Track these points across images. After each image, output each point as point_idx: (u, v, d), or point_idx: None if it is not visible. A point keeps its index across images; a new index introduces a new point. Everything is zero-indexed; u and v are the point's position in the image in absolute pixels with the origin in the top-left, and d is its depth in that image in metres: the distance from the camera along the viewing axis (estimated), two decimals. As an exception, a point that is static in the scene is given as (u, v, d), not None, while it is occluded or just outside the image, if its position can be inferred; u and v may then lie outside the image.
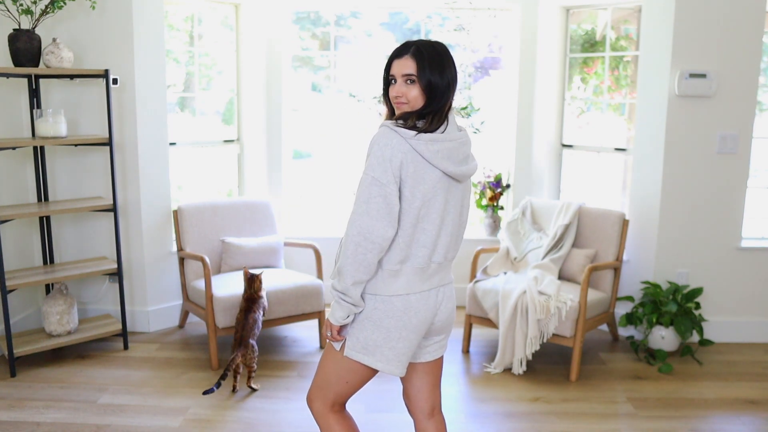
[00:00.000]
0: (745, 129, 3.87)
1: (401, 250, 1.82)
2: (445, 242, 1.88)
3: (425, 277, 1.88)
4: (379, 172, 1.75)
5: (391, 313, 1.85)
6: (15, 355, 3.44)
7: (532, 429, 3.00)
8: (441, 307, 1.94)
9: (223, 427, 2.98)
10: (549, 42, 4.43)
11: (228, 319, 3.55)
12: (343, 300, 1.83)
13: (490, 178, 4.63)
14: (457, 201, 1.89)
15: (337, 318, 1.85)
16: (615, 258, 3.83)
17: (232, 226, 4.13)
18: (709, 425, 3.06)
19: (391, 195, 1.75)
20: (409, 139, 1.76)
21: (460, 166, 1.84)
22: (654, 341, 3.81)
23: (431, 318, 1.92)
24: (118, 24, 3.79)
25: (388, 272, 1.83)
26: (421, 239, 1.83)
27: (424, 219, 1.82)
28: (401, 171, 1.76)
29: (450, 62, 1.86)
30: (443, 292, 1.94)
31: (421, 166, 1.77)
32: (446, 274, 1.95)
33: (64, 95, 3.87)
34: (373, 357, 1.88)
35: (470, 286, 3.80)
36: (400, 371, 1.91)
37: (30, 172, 3.90)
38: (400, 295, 1.84)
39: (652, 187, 3.97)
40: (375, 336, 1.86)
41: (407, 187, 1.77)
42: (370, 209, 1.75)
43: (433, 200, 1.81)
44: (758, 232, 4.19)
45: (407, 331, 1.86)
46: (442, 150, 1.79)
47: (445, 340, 2.05)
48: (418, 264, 1.84)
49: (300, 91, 4.83)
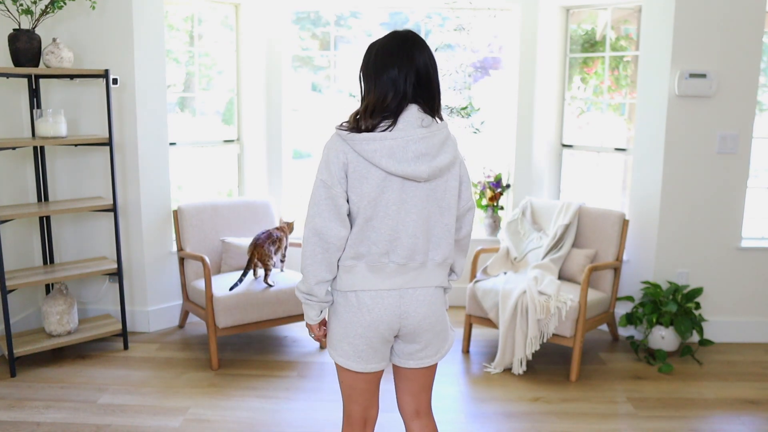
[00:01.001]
0: (745, 129, 3.87)
1: (351, 248, 1.84)
2: (407, 243, 1.83)
3: (383, 277, 1.85)
4: (326, 175, 1.80)
5: (347, 308, 1.87)
6: (15, 355, 3.44)
7: (532, 429, 3.00)
8: (409, 310, 1.87)
9: (223, 427, 2.98)
10: (549, 42, 4.43)
11: (228, 319, 3.55)
12: (309, 300, 1.88)
13: (490, 178, 4.63)
14: (421, 202, 1.83)
15: (311, 317, 1.92)
16: (615, 258, 3.83)
17: (232, 226, 4.13)
18: (709, 425, 3.06)
19: (337, 196, 1.79)
20: (348, 140, 1.78)
21: (408, 164, 1.77)
22: (654, 341, 3.81)
23: (394, 320, 1.87)
24: (118, 24, 3.80)
25: (342, 268, 1.86)
26: (372, 237, 1.82)
27: (374, 218, 1.81)
28: (346, 171, 1.79)
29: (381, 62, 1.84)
30: (411, 295, 1.87)
31: (362, 165, 1.78)
32: (418, 276, 1.88)
33: (64, 95, 3.87)
34: (336, 351, 1.92)
35: (470, 286, 3.80)
36: (361, 367, 1.90)
37: (30, 172, 3.90)
38: (354, 291, 1.86)
39: (652, 187, 3.97)
40: (337, 330, 1.90)
41: (352, 187, 1.80)
42: (321, 211, 1.80)
43: (380, 199, 1.79)
44: (758, 232, 4.19)
45: (362, 327, 1.86)
46: (380, 149, 1.76)
47: (430, 349, 1.96)
48: (371, 262, 1.84)
49: (300, 91, 4.83)
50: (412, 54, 1.82)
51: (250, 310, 3.60)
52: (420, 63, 1.82)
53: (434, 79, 1.86)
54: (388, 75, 1.81)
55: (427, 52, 1.85)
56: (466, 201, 1.97)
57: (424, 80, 1.83)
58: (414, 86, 1.82)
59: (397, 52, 1.82)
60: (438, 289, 1.94)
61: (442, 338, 1.98)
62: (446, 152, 1.84)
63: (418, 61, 1.82)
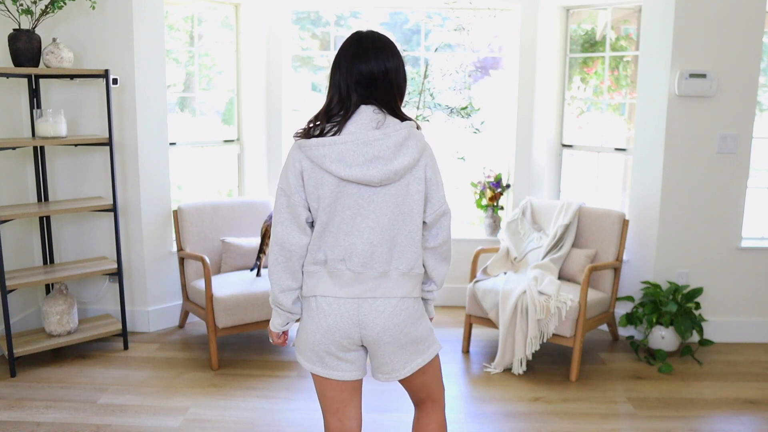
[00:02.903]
0: (745, 129, 3.87)
1: (311, 253, 1.83)
2: (363, 250, 1.77)
3: (341, 284, 1.80)
4: (284, 183, 1.80)
5: (309, 313, 1.87)
6: (15, 355, 3.44)
7: (532, 429, 3.00)
8: (367, 321, 1.80)
9: (223, 427, 2.98)
10: (549, 42, 4.43)
11: (228, 319, 3.55)
12: (278, 307, 1.89)
13: (490, 178, 4.63)
14: (378, 207, 1.76)
15: (275, 324, 1.94)
16: (615, 258, 3.83)
17: (232, 226, 4.13)
18: (709, 425, 3.06)
19: (296, 204, 1.79)
20: (302, 147, 1.77)
21: (359, 168, 1.71)
22: (654, 341, 3.81)
23: (351, 329, 1.81)
24: (118, 24, 3.80)
25: (306, 273, 1.86)
26: (329, 242, 1.80)
27: (330, 223, 1.79)
28: (303, 178, 1.78)
29: (333, 64, 1.82)
30: (370, 304, 1.80)
31: (316, 171, 1.76)
32: (379, 286, 1.80)
33: (64, 95, 3.87)
34: (302, 356, 1.91)
35: (470, 286, 3.80)
36: (326, 373, 1.87)
37: (30, 172, 3.90)
38: (314, 296, 1.84)
39: (652, 187, 3.97)
40: (301, 334, 1.90)
41: (309, 193, 1.78)
42: (282, 219, 1.81)
43: (334, 205, 1.76)
44: (758, 232, 4.19)
45: (319, 333, 1.83)
46: (330, 153, 1.71)
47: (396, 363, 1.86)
48: (330, 268, 1.82)
49: (300, 91, 4.83)
50: (357, 55, 1.77)
51: (250, 310, 3.60)
52: (364, 65, 1.76)
53: (392, 78, 1.79)
54: (334, 78, 1.81)
55: (380, 52, 1.78)
56: (438, 205, 1.85)
57: (372, 82, 1.77)
58: (359, 88, 1.76)
59: (343, 53, 1.81)
60: (404, 300, 1.82)
61: (410, 352, 1.87)
62: (405, 154, 1.74)
63: (362, 63, 1.76)
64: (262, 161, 4.64)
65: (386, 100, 1.80)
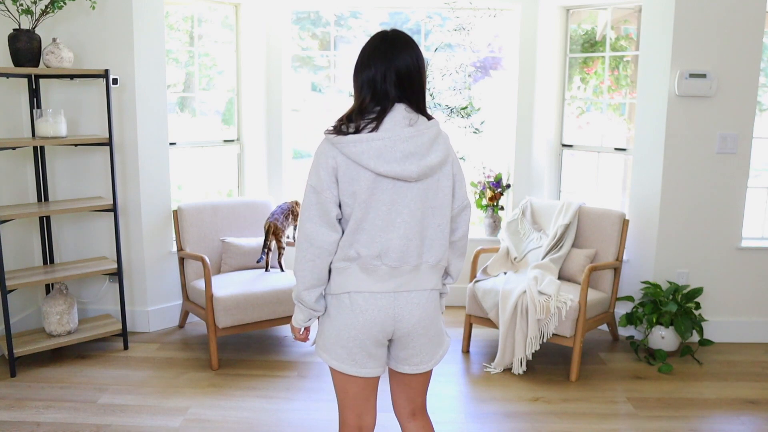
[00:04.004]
0: (745, 129, 3.87)
1: (342, 250, 1.83)
2: (399, 245, 1.81)
3: (376, 279, 1.83)
4: (315, 180, 1.80)
5: (341, 310, 1.86)
6: (15, 355, 3.44)
7: (532, 429, 3.00)
8: (403, 313, 1.85)
9: (223, 427, 2.98)
10: (549, 42, 4.43)
11: (228, 319, 3.55)
12: (301, 304, 1.89)
13: (490, 178, 4.63)
14: (411, 202, 1.81)
15: (298, 321, 1.93)
16: (615, 258, 3.83)
17: (232, 226, 4.13)
18: (709, 425, 3.06)
19: (327, 201, 1.79)
20: (336, 143, 1.78)
21: (397, 164, 1.75)
22: (654, 341, 3.81)
23: (387, 322, 1.85)
24: (118, 24, 3.80)
25: (335, 270, 1.86)
26: (362, 240, 1.81)
27: (364, 220, 1.80)
28: (336, 175, 1.79)
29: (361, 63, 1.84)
30: (405, 298, 1.85)
31: (351, 167, 1.77)
32: (412, 280, 1.85)
33: (64, 95, 3.87)
34: (329, 354, 1.90)
35: (470, 286, 3.80)
36: (356, 371, 1.88)
37: (30, 172, 3.90)
38: (347, 293, 1.85)
39: (652, 187, 3.97)
40: (330, 333, 1.89)
41: (343, 190, 1.79)
42: (312, 216, 1.80)
43: (370, 201, 1.78)
44: (758, 232, 4.19)
45: (356, 330, 1.84)
46: (368, 150, 1.74)
47: (425, 355, 1.94)
48: (363, 264, 1.82)
49: (300, 91, 4.83)
50: (391, 53, 1.80)
51: (250, 310, 3.60)
52: (401, 62, 1.80)
53: (419, 78, 1.84)
54: (367, 75, 1.82)
55: (411, 50, 1.82)
56: (461, 200, 1.94)
57: (407, 79, 1.81)
58: (396, 86, 1.80)
59: (375, 52, 1.82)
60: (432, 293, 1.91)
61: (436, 343, 1.95)
62: (436, 151, 1.81)
63: (398, 61, 1.80)
64: (262, 161, 4.64)
65: (416, 97, 1.85)
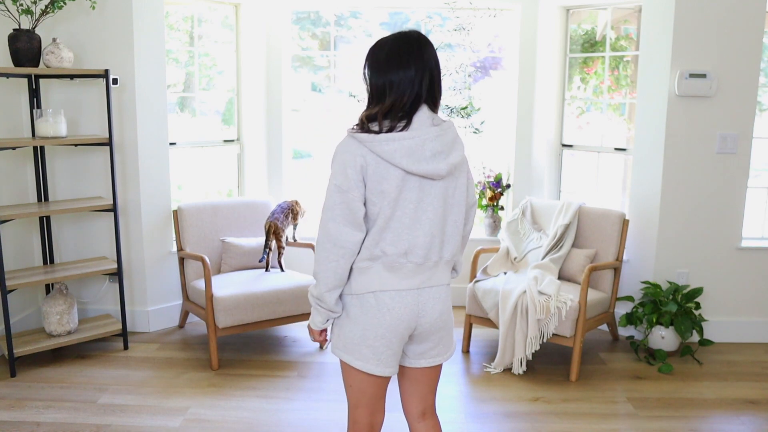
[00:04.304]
0: (745, 129, 3.87)
1: (367, 249, 1.82)
2: (424, 242, 1.83)
3: (401, 276, 1.84)
4: (341, 179, 1.78)
5: (365, 310, 1.85)
6: (15, 355, 3.44)
7: (532, 429, 3.00)
8: (426, 308, 1.89)
9: (223, 427, 2.98)
10: (549, 42, 4.43)
11: (228, 319, 3.55)
12: (320, 306, 1.87)
13: (490, 178, 4.63)
14: (436, 200, 1.84)
15: (316, 323, 1.91)
16: (615, 258, 3.83)
17: (232, 226, 4.13)
18: (709, 425, 3.06)
19: (353, 200, 1.78)
20: (365, 142, 1.77)
21: (427, 163, 1.78)
22: (654, 341, 3.81)
23: (412, 319, 1.87)
24: (118, 24, 3.79)
25: (357, 269, 1.84)
26: (389, 238, 1.81)
27: (392, 218, 1.80)
28: (365, 174, 1.77)
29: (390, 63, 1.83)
30: (428, 293, 1.89)
31: (381, 166, 1.77)
32: (433, 275, 1.89)
33: (64, 95, 3.87)
34: (353, 355, 1.88)
35: (470, 286, 3.80)
36: (381, 371, 1.88)
37: (30, 172, 3.90)
38: (372, 292, 1.84)
39: (652, 187, 3.97)
40: (353, 334, 1.87)
41: (371, 188, 1.78)
42: (336, 215, 1.79)
43: (399, 199, 1.79)
44: (758, 232, 4.19)
45: (383, 329, 1.84)
46: (399, 149, 1.75)
47: (441, 348, 1.98)
48: (388, 262, 1.83)
49: (300, 91, 4.83)
50: (424, 55, 1.82)
51: (250, 310, 3.60)
52: (433, 63, 1.83)
53: (440, 78, 1.88)
54: (405, 75, 1.80)
55: (435, 52, 1.87)
56: (472, 197, 2.00)
57: (436, 80, 1.85)
58: (428, 87, 1.82)
59: (412, 52, 1.82)
60: (448, 287, 1.96)
61: (450, 336, 2.00)
62: (457, 149, 1.86)
63: (431, 62, 1.83)
64: (262, 161, 4.64)
65: (436, 97, 1.87)
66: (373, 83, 1.84)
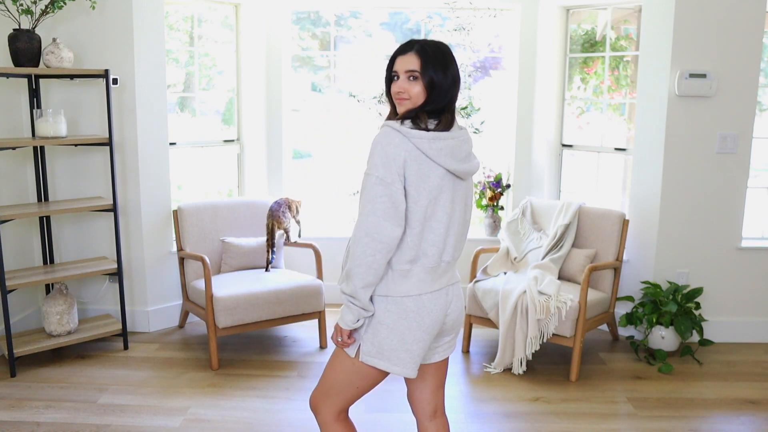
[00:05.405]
0: (745, 129, 3.87)
1: (410, 250, 1.80)
2: (452, 241, 1.87)
3: (436, 277, 1.86)
4: (383, 172, 1.73)
5: (405, 315, 1.82)
6: (15, 355, 3.44)
7: (532, 429, 3.00)
8: (452, 306, 1.94)
9: (223, 427, 2.98)
10: (549, 42, 4.43)
11: (228, 319, 3.55)
12: (353, 303, 1.80)
13: (490, 178, 4.63)
14: (461, 199, 1.89)
15: (347, 322, 1.83)
16: (615, 258, 3.83)
17: (232, 226, 4.13)
18: (709, 425, 3.06)
19: (396, 194, 1.74)
20: (412, 137, 1.75)
21: (462, 163, 1.83)
22: (654, 341, 3.81)
23: (443, 318, 1.91)
24: (118, 24, 3.79)
25: (399, 272, 1.81)
26: (430, 238, 1.81)
27: (432, 217, 1.80)
28: (405, 170, 1.75)
29: (453, 61, 1.86)
30: (453, 291, 1.94)
31: (425, 164, 1.76)
32: (454, 273, 1.96)
33: (64, 95, 3.87)
34: (389, 361, 1.84)
35: (470, 286, 3.80)
36: (414, 373, 1.89)
37: (30, 172, 3.90)
38: (412, 296, 1.82)
39: (652, 187, 3.97)
40: (390, 340, 1.83)
41: (412, 185, 1.76)
42: (376, 209, 1.74)
43: (439, 198, 1.80)
44: (758, 232, 4.19)
45: (421, 332, 1.84)
46: (444, 148, 1.78)
47: (454, 339, 2.05)
48: (428, 263, 1.83)
49: (300, 91, 4.83)
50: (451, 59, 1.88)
51: (250, 310, 3.60)
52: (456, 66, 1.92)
53: None
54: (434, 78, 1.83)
55: None
56: None
57: None
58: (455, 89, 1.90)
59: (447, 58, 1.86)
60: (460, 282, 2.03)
61: None
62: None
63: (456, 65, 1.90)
64: (262, 161, 4.64)
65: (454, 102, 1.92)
66: (439, 81, 1.82)
